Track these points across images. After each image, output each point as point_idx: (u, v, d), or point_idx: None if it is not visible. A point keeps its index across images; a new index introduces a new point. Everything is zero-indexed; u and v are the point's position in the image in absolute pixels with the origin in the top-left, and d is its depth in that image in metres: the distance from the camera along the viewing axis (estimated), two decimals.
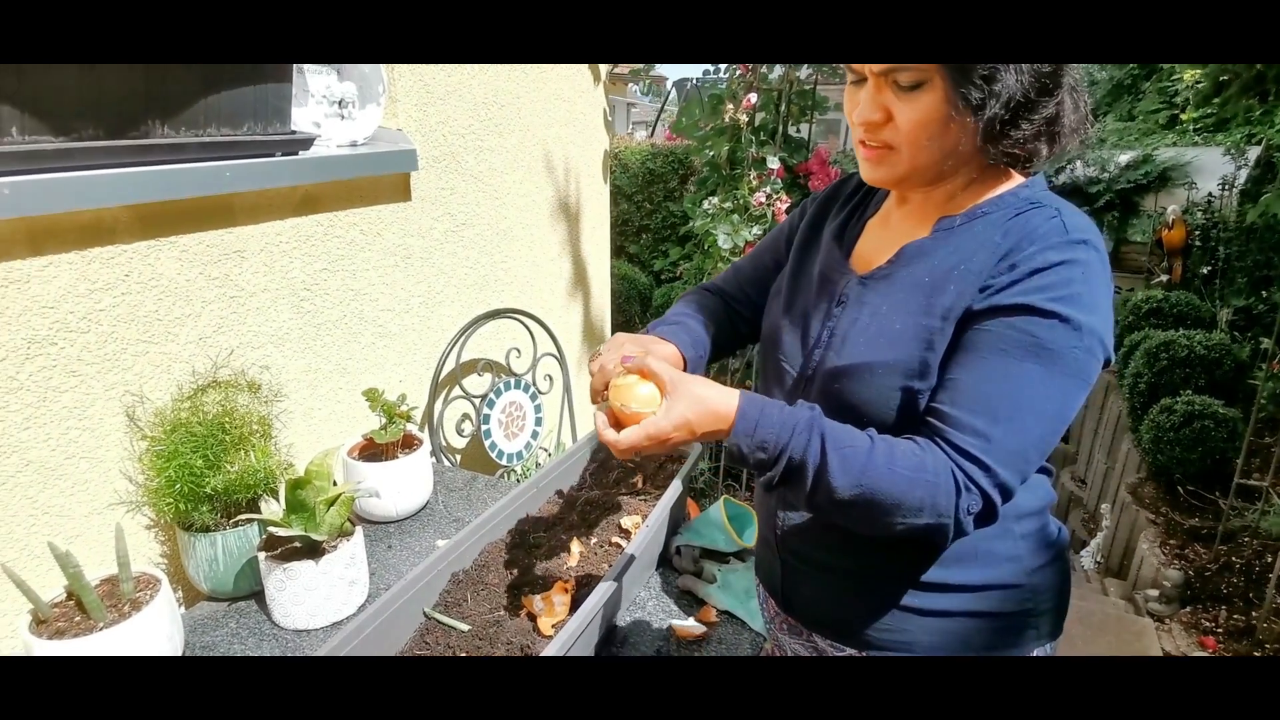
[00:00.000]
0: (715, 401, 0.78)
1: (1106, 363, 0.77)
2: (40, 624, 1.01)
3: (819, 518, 0.91)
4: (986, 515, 0.75)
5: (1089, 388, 0.76)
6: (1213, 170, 5.53)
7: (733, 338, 1.09)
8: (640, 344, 0.94)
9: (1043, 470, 0.91)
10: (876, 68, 0.76)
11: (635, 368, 0.82)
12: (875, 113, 0.77)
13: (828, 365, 0.85)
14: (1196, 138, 6.56)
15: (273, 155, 1.37)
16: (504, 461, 2.10)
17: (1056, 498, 0.95)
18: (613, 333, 2.96)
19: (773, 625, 1.09)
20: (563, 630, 0.95)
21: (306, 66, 1.51)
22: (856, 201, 0.97)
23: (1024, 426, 0.74)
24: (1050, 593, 0.91)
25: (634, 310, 5.42)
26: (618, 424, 0.82)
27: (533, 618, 1.12)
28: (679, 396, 0.79)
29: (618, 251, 5.99)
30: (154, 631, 1.05)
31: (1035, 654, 0.91)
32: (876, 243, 0.91)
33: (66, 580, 1.03)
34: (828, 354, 0.86)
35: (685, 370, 0.99)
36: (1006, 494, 0.75)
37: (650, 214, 6.17)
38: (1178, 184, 5.74)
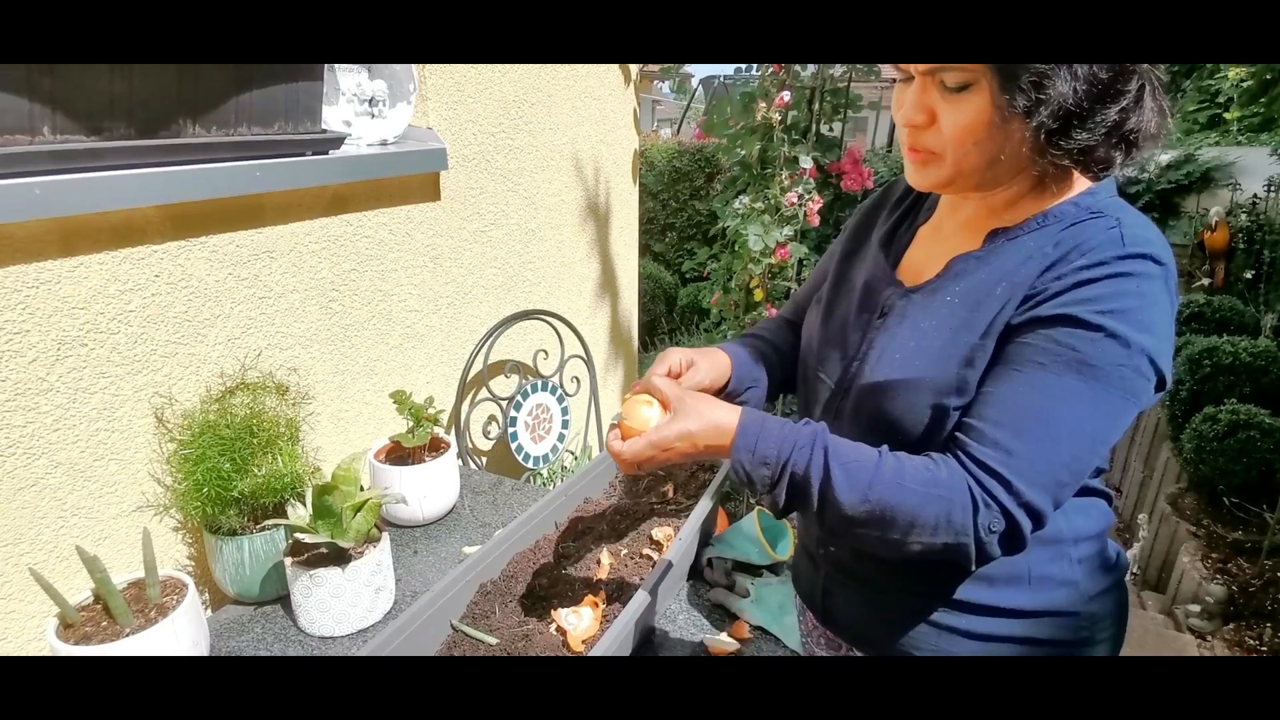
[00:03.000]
0: (717, 416, 0.79)
1: (1161, 385, 0.71)
2: (67, 628, 1.00)
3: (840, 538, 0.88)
4: (1012, 537, 0.70)
5: (1137, 409, 0.70)
6: (1258, 171, 5.35)
7: None
8: (688, 354, 0.94)
9: (1101, 494, 0.86)
10: (923, 66, 0.72)
11: (643, 388, 0.85)
12: (919, 114, 0.74)
13: (864, 380, 0.82)
14: (1241, 137, 6.35)
15: (303, 154, 1.36)
16: (530, 465, 2.08)
17: (1114, 520, 0.89)
18: (639, 335, 2.93)
19: (809, 639, 1.06)
20: (599, 643, 0.92)
21: (338, 65, 1.49)
22: (907, 206, 0.93)
23: (1054, 444, 0.69)
24: (1108, 621, 0.86)
25: (659, 310, 5.38)
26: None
27: (562, 632, 1.09)
28: (683, 411, 0.80)
29: (642, 250, 5.96)
30: (180, 637, 1.03)
31: None
32: (927, 253, 0.86)
33: (94, 584, 1.02)
34: (864, 368, 0.82)
35: (732, 377, 0.97)
36: (1034, 515, 0.70)
37: (676, 212, 6.12)
38: (1221, 185, 5.55)
